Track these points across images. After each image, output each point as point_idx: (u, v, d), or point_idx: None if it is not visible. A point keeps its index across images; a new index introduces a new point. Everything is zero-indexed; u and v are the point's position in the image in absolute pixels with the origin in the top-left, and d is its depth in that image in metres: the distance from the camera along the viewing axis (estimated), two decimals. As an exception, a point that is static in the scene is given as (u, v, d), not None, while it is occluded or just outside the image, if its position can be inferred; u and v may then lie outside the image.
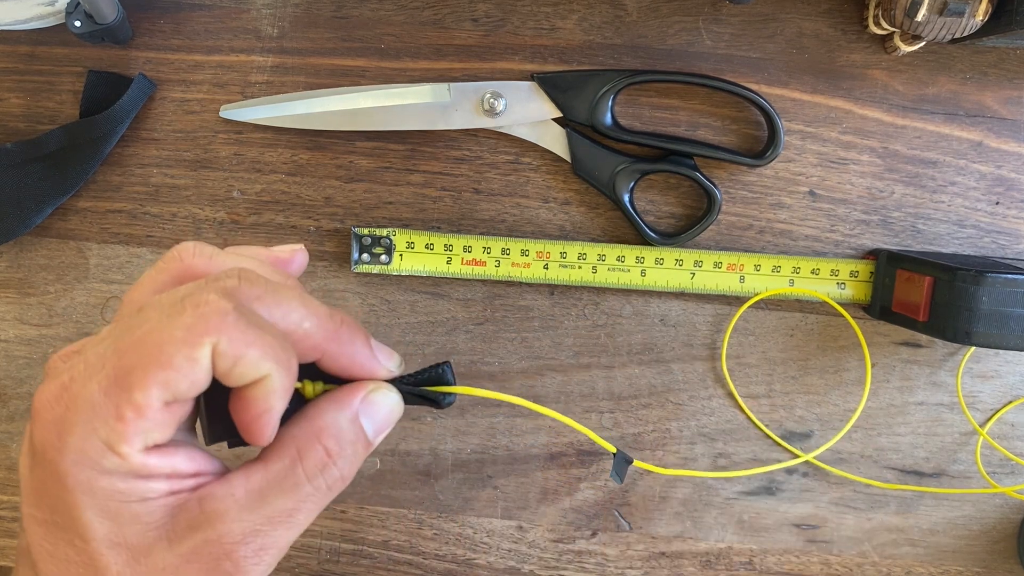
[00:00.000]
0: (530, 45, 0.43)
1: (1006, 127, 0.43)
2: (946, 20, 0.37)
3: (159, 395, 0.21)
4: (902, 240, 0.44)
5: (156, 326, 0.21)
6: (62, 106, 0.44)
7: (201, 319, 0.21)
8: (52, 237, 0.44)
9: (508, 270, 0.43)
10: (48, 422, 0.21)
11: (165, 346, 0.21)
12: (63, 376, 0.22)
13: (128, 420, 0.21)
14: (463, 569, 0.45)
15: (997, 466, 0.45)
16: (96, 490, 0.21)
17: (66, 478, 0.21)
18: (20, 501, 0.23)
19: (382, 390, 0.25)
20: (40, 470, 0.22)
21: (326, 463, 0.24)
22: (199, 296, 0.21)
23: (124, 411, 0.21)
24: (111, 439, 0.21)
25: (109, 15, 0.40)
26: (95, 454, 0.21)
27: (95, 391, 0.21)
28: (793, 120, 0.43)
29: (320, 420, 0.24)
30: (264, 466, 0.23)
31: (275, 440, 0.24)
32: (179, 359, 0.21)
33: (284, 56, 0.43)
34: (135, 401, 0.21)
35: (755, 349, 0.44)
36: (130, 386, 0.21)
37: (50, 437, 0.21)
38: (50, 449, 0.21)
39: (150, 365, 0.21)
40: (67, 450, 0.21)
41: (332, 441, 0.24)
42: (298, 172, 0.44)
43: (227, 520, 0.22)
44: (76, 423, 0.21)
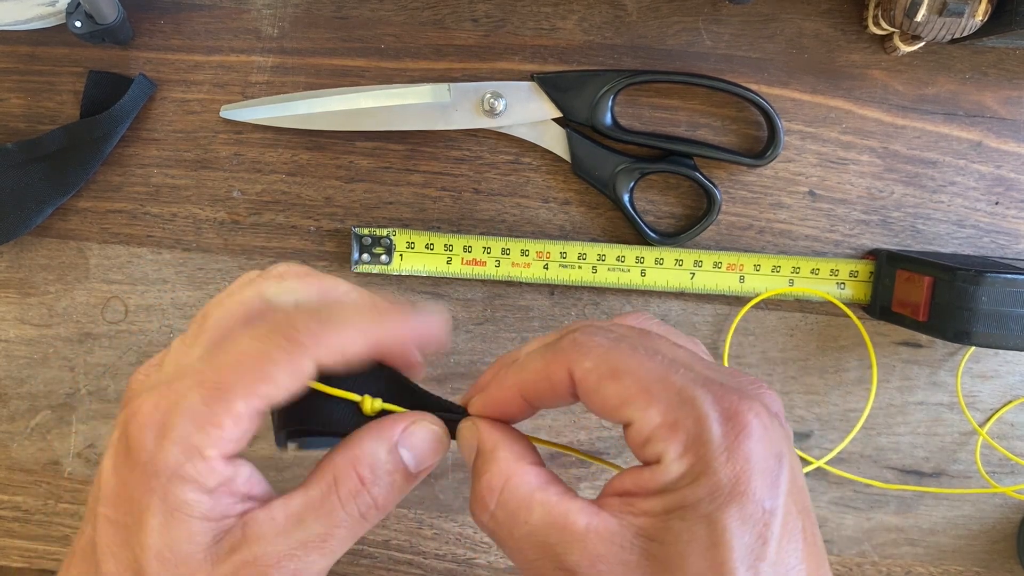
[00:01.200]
0: (530, 45, 0.43)
1: (1006, 127, 0.43)
2: (946, 20, 0.37)
3: (258, 405, 0.23)
4: (902, 240, 0.44)
5: (254, 348, 0.24)
6: (63, 106, 0.44)
7: (297, 344, 0.24)
8: (52, 237, 0.44)
9: (508, 270, 0.43)
10: (146, 425, 0.23)
11: (266, 366, 0.23)
12: (161, 388, 0.24)
13: (225, 427, 0.23)
14: (463, 569, 0.45)
15: (997, 466, 0.45)
16: (171, 497, 0.23)
17: (151, 479, 0.23)
18: (91, 501, 0.25)
19: (424, 422, 0.26)
20: (127, 471, 0.23)
21: (359, 490, 0.25)
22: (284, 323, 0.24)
23: (222, 419, 0.23)
24: (203, 443, 0.23)
25: (109, 15, 0.40)
26: (182, 457, 0.23)
27: (195, 401, 0.23)
28: (793, 120, 0.43)
29: (358, 448, 0.25)
30: (303, 492, 0.25)
31: (318, 467, 0.25)
32: (280, 375, 0.23)
33: (284, 56, 0.43)
34: (235, 410, 0.23)
35: (755, 349, 0.44)
36: (232, 398, 0.23)
37: (147, 439, 0.23)
38: (144, 450, 0.23)
39: (252, 381, 0.23)
40: (163, 451, 0.23)
41: (367, 469, 0.25)
42: (298, 172, 0.44)
43: (264, 542, 0.23)
44: (175, 427, 0.23)
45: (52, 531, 0.46)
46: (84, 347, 0.45)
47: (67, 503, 0.46)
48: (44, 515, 0.46)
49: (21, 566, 0.46)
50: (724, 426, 0.22)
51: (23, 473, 0.45)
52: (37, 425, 0.45)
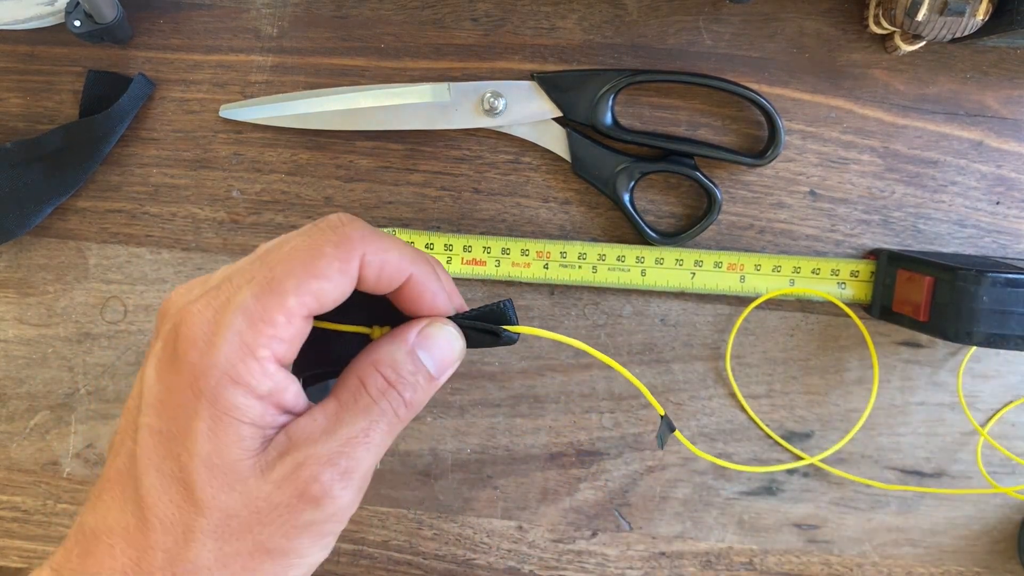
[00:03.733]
0: (530, 45, 0.43)
1: (1007, 127, 0.43)
2: (947, 20, 0.37)
3: (310, 303, 0.23)
4: (903, 240, 0.44)
5: (305, 244, 0.24)
6: (61, 106, 0.43)
7: (346, 238, 0.24)
8: (51, 237, 0.44)
9: (508, 270, 0.43)
10: (198, 324, 0.23)
11: (317, 260, 0.23)
12: (211, 291, 0.23)
13: (278, 324, 0.23)
14: (463, 569, 0.45)
15: (998, 466, 0.45)
16: (220, 399, 0.22)
17: (199, 382, 0.22)
18: (129, 415, 0.24)
19: (437, 324, 0.27)
20: (174, 375, 0.23)
21: (386, 387, 0.25)
22: (335, 222, 0.25)
23: (275, 315, 0.23)
24: (255, 342, 0.22)
25: (109, 15, 0.40)
26: (236, 358, 0.22)
27: (247, 297, 0.23)
28: (793, 120, 0.43)
29: (376, 353, 0.26)
30: (335, 398, 0.25)
31: (342, 378, 0.26)
32: (331, 270, 0.24)
33: (284, 56, 0.43)
34: (287, 306, 0.23)
35: (755, 349, 0.44)
36: (284, 292, 0.23)
37: (198, 338, 0.23)
38: (193, 350, 0.23)
39: (304, 275, 0.23)
40: (214, 350, 0.22)
41: (389, 370, 0.25)
42: (298, 172, 0.44)
43: (312, 444, 0.24)
44: (226, 324, 0.22)
45: (51, 531, 0.46)
46: (83, 347, 0.45)
47: (66, 503, 0.45)
48: (43, 515, 0.46)
49: (20, 566, 0.46)
50: None
51: (22, 473, 0.45)
52: (36, 425, 0.45)
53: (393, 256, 0.25)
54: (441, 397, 0.45)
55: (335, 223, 0.25)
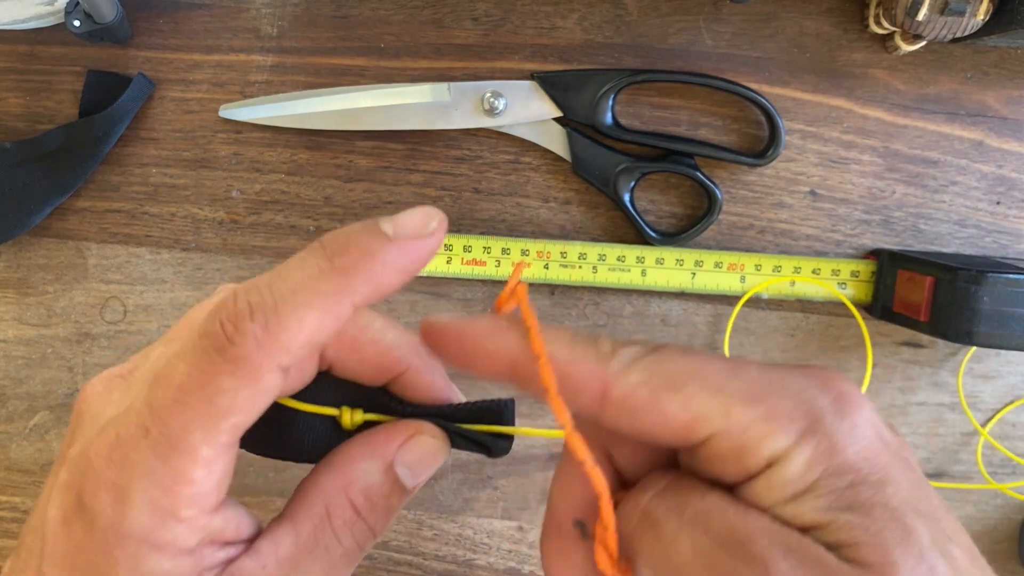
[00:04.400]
0: (530, 44, 0.43)
1: (1007, 127, 0.43)
2: (947, 19, 0.37)
3: (226, 440, 0.19)
4: (903, 240, 0.44)
5: (195, 379, 0.19)
6: (61, 105, 0.43)
7: (241, 360, 0.18)
8: (51, 237, 0.44)
9: (508, 270, 0.43)
10: (103, 486, 0.19)
11: (216, 398, 0.19)
12: (110, 431, 0.19)
13: (196, 480, 0.19)
14: (463, 570, 0.45)
15: (998, 466, 0.45)
16: (139, 567, 0.19)
17: (113, 550, 0.19)
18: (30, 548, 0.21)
19: (425, 435, 0.23)
20: (83, 534, 0.19)
21: (354, 520, 0.22)
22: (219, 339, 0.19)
23: (189, 473, 0.19)
24: (174, 505, 0.19)
25: (108, 14, 0.40)
26: (153, 525, 0.19)
27: (149, 459, 0.19)
28: (794, 119, 0.43)
29: (348, 471, 0.22)
30: (292, 528, 0.21)
31: (301, 494, 0.22)
32: (239, 402, 0.19)
33: (283, 55, 0.43)
34: (200, 458, 0.19)
35: (756, 349, 0.44)
36: (191, 447, 0.19)
37: (104, 503, 0.19)
38: (102, 516, 0.19)
39: (208, 421, 0.19)
40: (124, 520, 0.19)
41: (361, 497, 0.22)
42: (297, 172, 0.44)
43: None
44: (133, 491, 0.19)
45: (50, 532, 0.46)
46: (83, 347, 0.45)
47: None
48: (42, 516, 0.46)
49: (19, 567, 0.46)
50: (826, 397, 0.18)
51: (21, 474, 0.45)
52: (35, 425, 0.45)
53: (318, 334, 0.19)
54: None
55: (221, 341, 0.18)
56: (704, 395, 0.18)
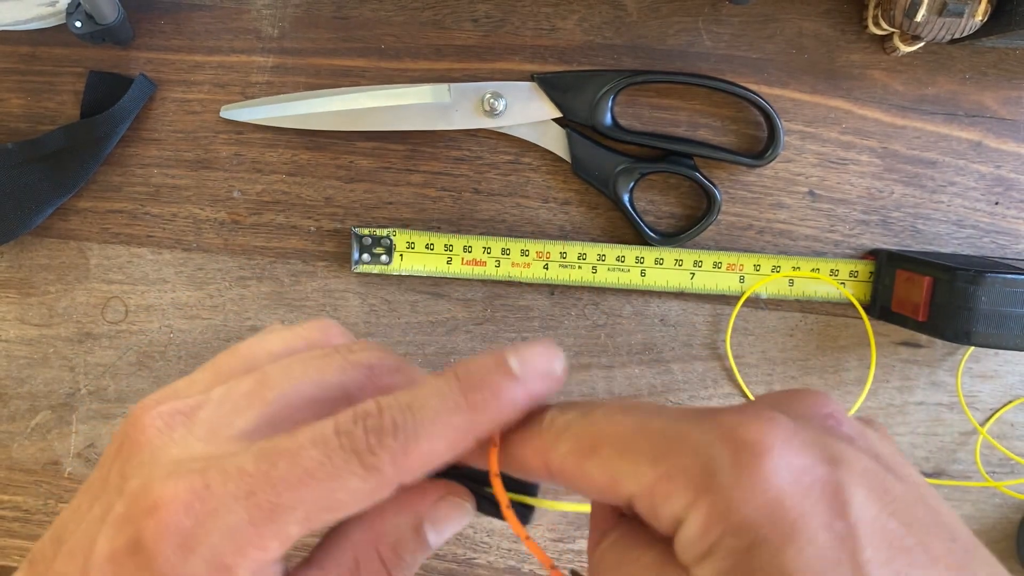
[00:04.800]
0: (530, 45, 0.43)
1: (1005, 127, 0.43)
2: (945, 20, 0.37)
3: (311, 529, 0.20)
4: (902, 240, 0.44)
5: (325, 467, 0.19)
6: (63, 106, 0.44)
7: (376, 471, 0.19)
8: (53, 237, 0.44)
9: (508, 270, 0.43)
10: (171, 529, 0.19)
11: (336, 493, 0.19)
12: (192, 479, 0.19)
13: (269, 549, 0.19)
14: (463, 569, 0.45)
15: (997, 466, 0.45)
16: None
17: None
18: (60, 568, 0.21)
19: (454, 498, 0.23)
20: (133, 573, 0.19)
21: (380, 572, 0.22)
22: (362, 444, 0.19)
23: (269, 542, 0.19)
24: (235, 562, 0.19)
25: (110, 15, 0.40)
26: (209, 571, 0.19)
27: (241, 519, 0.19)
28: (793, 120, 0.43)
29: (380, 525, 0.22)
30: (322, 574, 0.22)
31: (331, 543, 0.22)
32: (349, 505, 0.19)
33: (284, 56, 0.43)
34: (285, 534, 0.19)
35: (755, 349, 0.44)
36: (287, 522, 0.19)
37: (169, 548, 0.19)
38: (163, 561, 0.19)
39: (316, 507, 0.19)
40: (184, 568, 0.19)
41: (389, 550, 0.22)
42: (298, 172, 0.44)
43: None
44: (207, 542, 0.19)
45: (52, 531, 0.46)
46: (84, 347, 0.45)
47: (67, 503, 0.45)
48: (44, 515, 0.46)
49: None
50: (726, 449, 0.17)
51: (23, 473, 0.45)
52: (37, 425, 0.45)
53: (435, 463, 0.20)
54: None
55: (362, 446, 0.19)
56: (616, 457, 0.18)
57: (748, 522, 0.16)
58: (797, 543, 0.16)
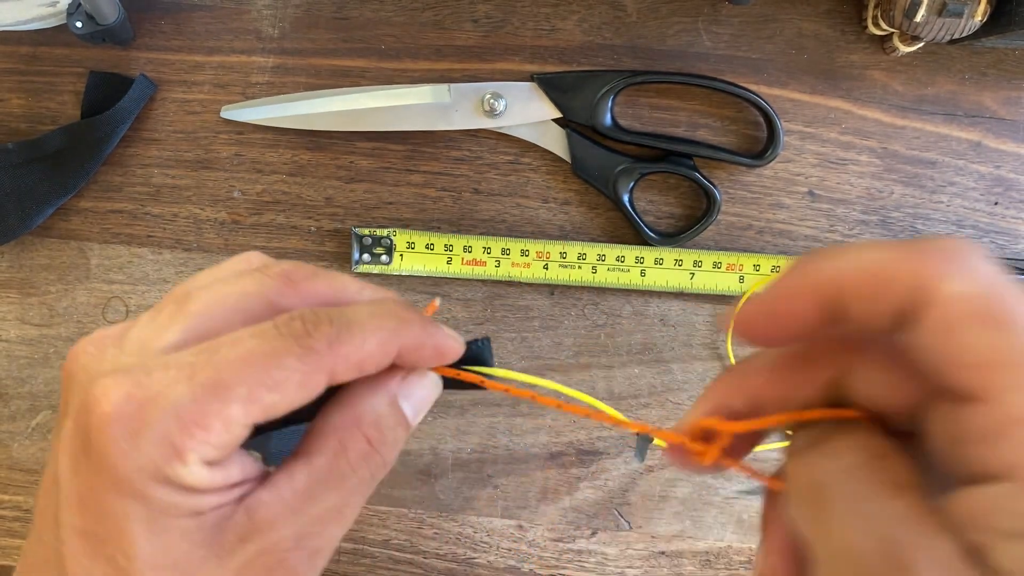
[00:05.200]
0: (530, 46, 0.43)
1: (1005, 127, 0.43)
2: (945, 21, 0.37)
3: (255, 414, 0.20)
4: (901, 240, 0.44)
5: (263, 349, 0.20)
6: (63, 107, 0.44)
7: (312, 351, 0.21)
8: (53, 237, 0.44)
9: (508, 270, 0.43)
10: (115, 419, 0.20)
11: (274, 370, 0.20)
12: (133, 373, 0.20)
13: (212, 429, 0.20)
14: (463, 568, 0.45)
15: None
16: (151, 501, 0.20)
17: (123, 484, 0.20)
18: (45, 502, 0.22)
19: (420, 370, 0.24)
20: (92, 474, 0.20)
21: (369, 452, 0.23)
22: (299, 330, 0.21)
23: (211, 419, 0.20)
24: (184, 445, 0.19)
25: (110, 16, 0.40)
26: (160, 459, 0.19)
27: (183, 395, 0.19)
28: (792, 120, 0.43)
29: (359, 406, 0.23)
30: (307, 462, 0.22)
31: (314, 431, 0.23)
32: (289, 384, 0.20)
33: (285, 57, 0.43)
34: (228, 412, 0.20)
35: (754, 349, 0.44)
36: (229, 398, 0.20)
37: (116, 437, 0.19)
38: (114, 450, 0.19)
39: (256, 383, 0.20)
40: (137, 453, 0.19)
41: (373, 429, 0.23)
42: (299, 172, 0.44)
43: (278, 527, 0.21)
44: (152, 423, 0.19)
45: (53, 531, 0.46)
46: (85, 347, 0.45)
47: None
48: (45, 515, 0.46)
49: (22, 566, 0.46)
50: None
51: (24, 473, 0.46)
52: (38, 425, 0.45)
53: (370, 360, 0.22)
54: (441, 397, 0.45)
55: (299, 331, 0.21)
56: (1008, 357, 0.15)
57: None
58: None
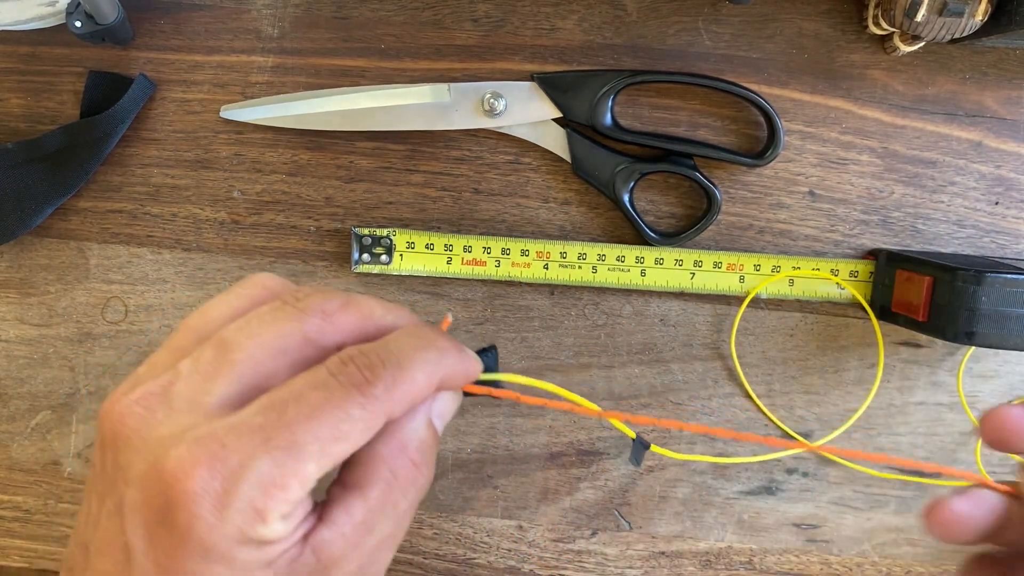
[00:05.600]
0: (530, 45, 0.43)
1: (1005, 127, 0.43)
2: (946, 20, 0.37)
3: (326, 467, 0.21)
4: (902, 240, 0.44)
5: (328, 401, 0.21)
6: (63, 106, 0.44)
7: (374, 399, 0.22)
8: (53, 237, 0.44)
9: (508, 270, 0.43)
10: (201, 496, 0.20)
11: (342, 424, 0.21)
12: (206, 444, 0.20)
13: (290, 489, 0.20)
14: (463, 569, 0.45)
15: (996, 465, 0.45)
16: (235, 563, 0.20)
17: (210, 553, 0.20)
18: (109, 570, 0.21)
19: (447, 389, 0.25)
20: (175, 545, 0.20)
21: (416, 475, 0.24)
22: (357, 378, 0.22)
23: (290, 480, 0.20)
24: (266, 507, 0.20)
25: (110, 15, 0.40)
26: (246, 526, 0.20)
27: (266, 465, 0.20)
28: (793, 120, 0.43)
29: (403, 432, 0.24)
30: (361, 494, 0.23)
31: (362, 461, 0.23)
32: (355, 434, 0.21)
33: (284, 56, 0.43)
34: (305, 472, 0.21)
35: (755, 349, 0.44)
36: (305, 458, 0.21)
37: (202, 512, 0.20)
38: (199, 524, 0.20)
39: (327, 439, 0.21)
40: (222, 524, 0.20)
41: (417, 453, 0.24)
42: (298, 172, 0.44)
43: (342, 563, 0.22)
44: (238, 496, 0.20)
45: (52, 531, 0.46)
46: (84, 347, 0.45)
47: (67, 503, 0.46)
48: (44, 515, 0.46)
49: (21, 566, 0.46)
50: None
51: (23, 473, 0.45)
52: (37, 425, 0.45)
53: (421, 396, 0.23)
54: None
55: (358, 379, 0.22)
56: None
57: None
58: None
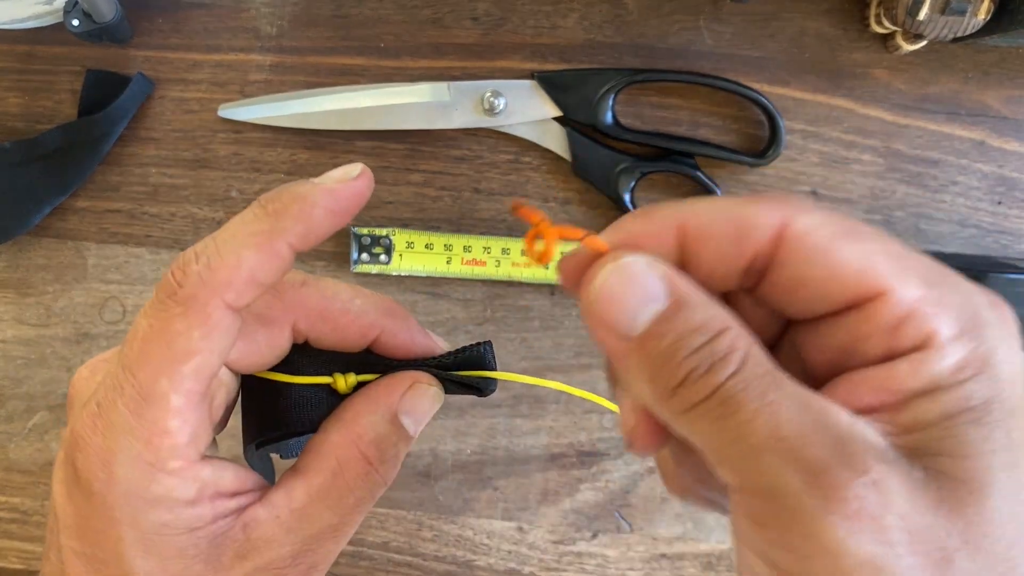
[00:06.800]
0: (530, 44, 0.43)
1: (1008, 126, 0.43)
2: (948, 19, 0.37)
3: (196, 387, 0.20)
4: (904, 240, 0.44)
5: (153, 326, 0.20)
6: (60, 105, 0.43)
7: (190, 297, 0.20)
8: (50, 237, 0.44)
9: (508, 270, 0.43)
10: (91, 452, 0.20)
11: (172, 343, 0.20)
12: (91, 401, 0.21)
13: (172, 429, 0.20)
14: (463, 571, 0.45)
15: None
16: (142, 523, 0.20)
17: (113, 511, 0.20)
18: (51, 526, 0.22)
19: (422, 385, 0.24)
20: (83, 501, 0.21)
21: (367, 471, 0.23)
22: (169, 285, 0.20)
23: (165, 423, 0.20)
24: (158, 457, 0.20)
25: (107, 14, 0.40)
26: (143, 481, 0.20)
27: (126, 416, 0.20)
28: (795, 119, 0.43)
29: (358, 424, 0.23)
30: (305, 480, 0.22)
31: (313, 449, 0.23)
32: (193, 344, 0.20)
33: (283, 55, 0.43)
34: (172, 407, 0.20)
35: (756, 349, 0.44)
36: (160, 395, 0.20)
37: (95, 468, 0.20)
38: (96, 481, 0.20)
39: (169, 366, 0.20)
40: (115, 481, 0.20)
41: (372, 448, 0.23)
42: (297, 171, 0.44)
43: (274, 545, 0.21)
44: (118, 451, 0.20)
45: (50, 532, 0.46)
46: (82, 347, 0.45)
47: (65, 504, 0.45)
48: (42, 516, 0.45)
49: (19, 567, 0.46)
50: (993, 312, 0.17)
51: (21, 474, 0.45)
52: (35, 426, 0.45)
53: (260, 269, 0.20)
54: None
55: (170, 287, 0.20)
56: (883, 256, 0.18)
57: (997, 379, 0.16)
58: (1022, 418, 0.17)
